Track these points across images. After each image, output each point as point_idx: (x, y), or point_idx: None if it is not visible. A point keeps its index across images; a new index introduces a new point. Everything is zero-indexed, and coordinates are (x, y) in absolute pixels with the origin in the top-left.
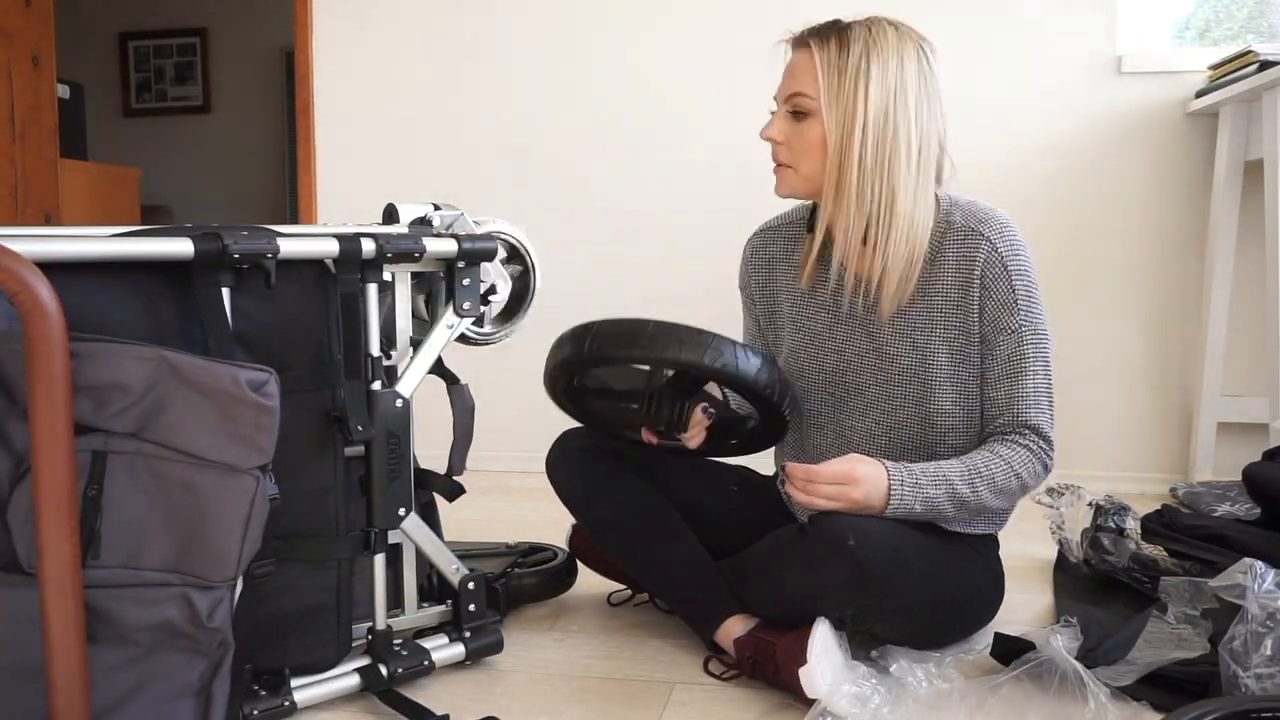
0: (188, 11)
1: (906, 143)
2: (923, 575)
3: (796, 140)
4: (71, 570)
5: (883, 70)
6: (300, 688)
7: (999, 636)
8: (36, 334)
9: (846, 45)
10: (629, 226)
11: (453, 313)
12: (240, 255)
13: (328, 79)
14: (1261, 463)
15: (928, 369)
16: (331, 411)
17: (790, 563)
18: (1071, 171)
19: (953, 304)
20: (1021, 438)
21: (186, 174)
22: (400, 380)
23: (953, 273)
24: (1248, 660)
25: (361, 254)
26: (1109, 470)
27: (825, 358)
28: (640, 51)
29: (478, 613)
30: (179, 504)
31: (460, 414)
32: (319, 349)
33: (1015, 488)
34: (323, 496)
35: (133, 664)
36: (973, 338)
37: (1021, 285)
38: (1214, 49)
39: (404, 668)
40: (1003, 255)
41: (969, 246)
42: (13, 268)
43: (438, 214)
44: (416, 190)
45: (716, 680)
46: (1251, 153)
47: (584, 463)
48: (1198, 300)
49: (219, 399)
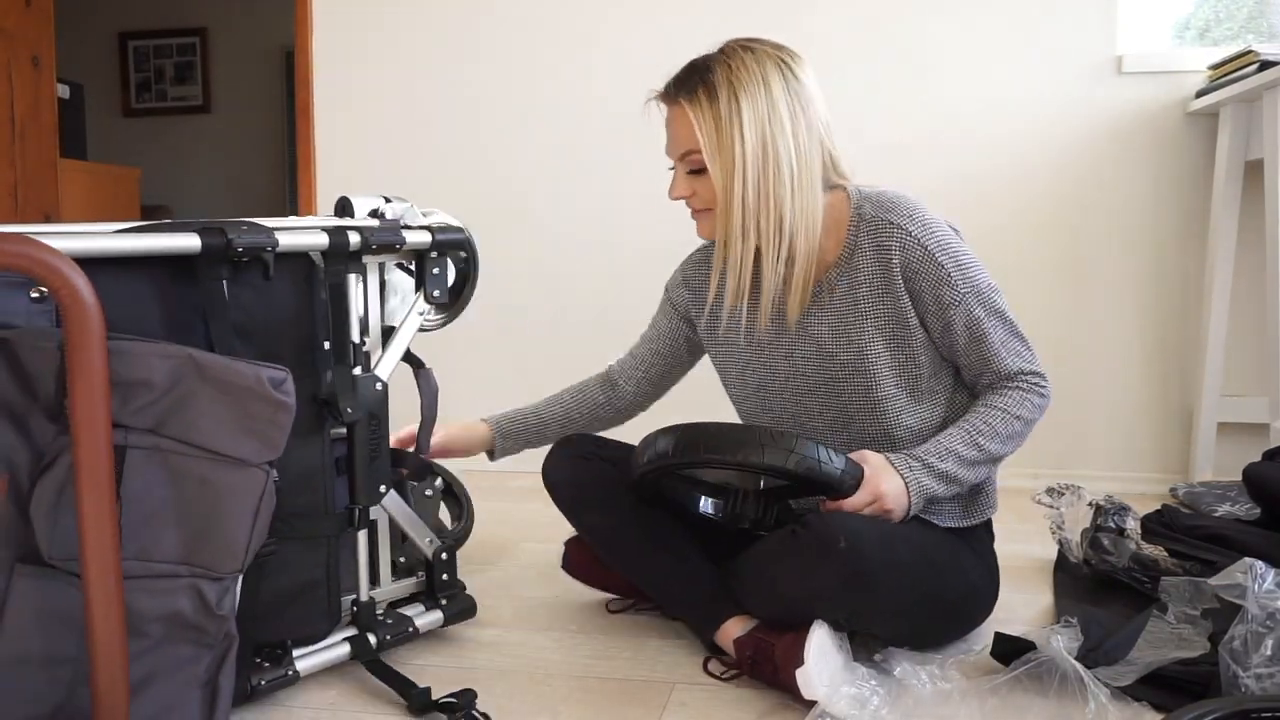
0: (188, 11)
1: (788, 164)
2: (916, 573)
3: (702, 191)
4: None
5: (751, 104)
6: (298, 658)
7: (999, 636)
8: (78, 330)
9: (713, 91)
10: (636, 225)
11: (424, 300)
12: (243, 249)
13: (328, 79)
14: (1261, 463)
15: (864, 359)
16: (320, 396)
17: (784, 566)
18: (1071, 171)
19: (878, 293)
20: (1009, 383)
21: (186, 174)
22: (378, 365)
23: (872, 263)
24: (1248, 660)
25: (349, 246)
26: (1109, 470)
27: (775, 369)
28: (641, 50)
29: (450, 581)
30: (192, 497)
31: (427, 397)
32: (306, 337)
33: (1019, 429)
34: (313, 477)
35: (144, 655)
36: (906, 321)
37: (947, 258)
38: (1214, 49)
39: (390, 635)
40: (918, 238)
41: (882, 235)
42: (55, 264)
43: (389, 206)
44: (417, 190)
45: (716, 680)
46: (1251, 153)
47: (579, 469)
48: (1198, 300)
49: (240, 396)
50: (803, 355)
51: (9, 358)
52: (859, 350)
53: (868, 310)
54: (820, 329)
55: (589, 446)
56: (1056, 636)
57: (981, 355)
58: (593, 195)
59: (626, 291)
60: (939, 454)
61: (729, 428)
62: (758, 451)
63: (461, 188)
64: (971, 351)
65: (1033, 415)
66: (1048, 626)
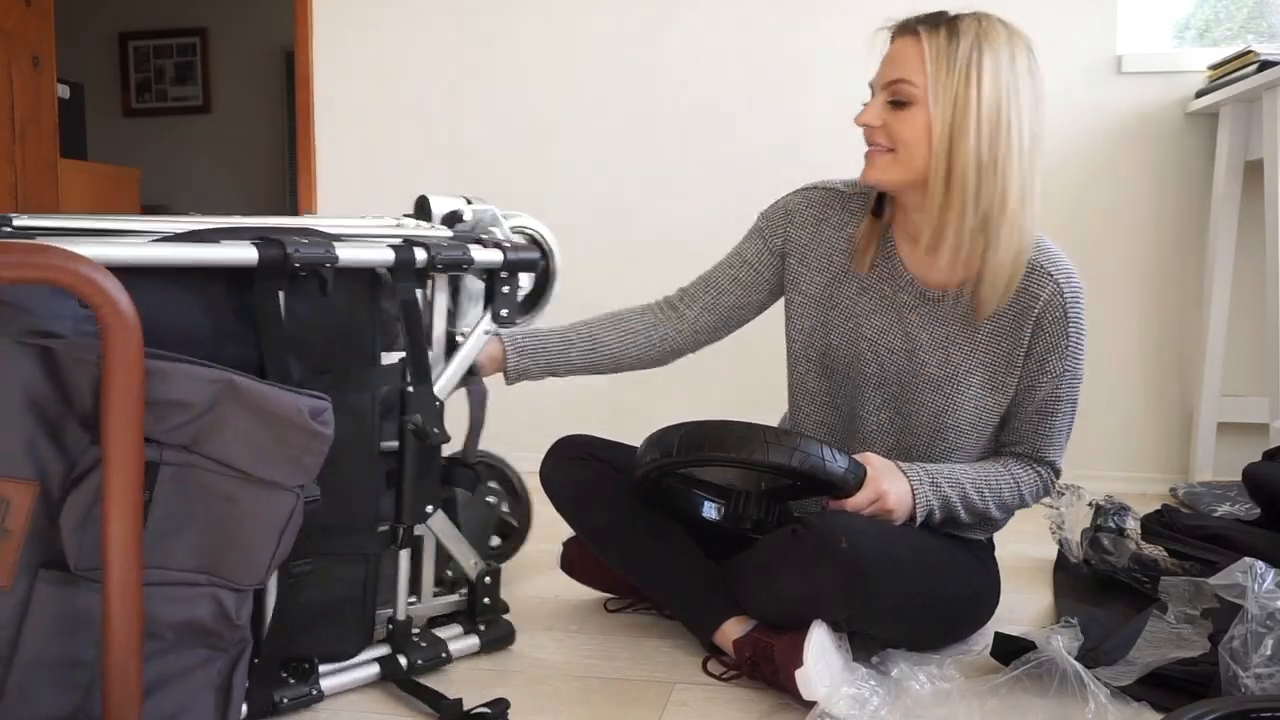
0: (188, 11)
1: (1019, 140)
2: (917, 575)
3: (896, 127)
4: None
5: (995, 64)
6: (325, 675)
7: (999, 636)
8: (117, 349)
9: (956, 35)
10: (632, 224)
11: (490, 319)
12: (301, 264)
13: (328, 79)
14: (1261, 463)
15: (955, 386)
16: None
17: (785, 566)
18: (1071, 171)
19: (1003, 332)
20: (1037, 465)
21: (186, 174)
22: (437, 383)
23: (1015, 300)
24: (1247, 660)
25: (415, 263)
26: (1109, 470)
27: (857, 343)
28: (642, 48)
29: (491, 605)
30: (219, 513)
31: (475, 406)
32: (363, 350)
33: (1015, 505)
34: (357, 493)
35: (159, 658)
36: (1014, 369)
37: (1075, 333)
38: (1214, 49)
39: (422, 659)
40: (1065, 300)
41: (1035, 283)
42: (96, 279)
43: (469, 208)
44: (417, 190)
45: (716, 680)
46: (1251, 153)
47: (577, 469)
48: (1198, 300)
49: (277, 424)
50: (889, 347)
51: (51, 367)
52: (953, 374)
53: (985, 341)
54: (923, 333)
55: (587, 448)
56: (1056, 636)
57: (1036, 429)
58: (594, 195)
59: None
60: (951, 482)
61: (733, 425)
62: (762, 449)
63: (462, 188)
64: (1030, 420)
65: (1029, 501)
66: (1048, 626)
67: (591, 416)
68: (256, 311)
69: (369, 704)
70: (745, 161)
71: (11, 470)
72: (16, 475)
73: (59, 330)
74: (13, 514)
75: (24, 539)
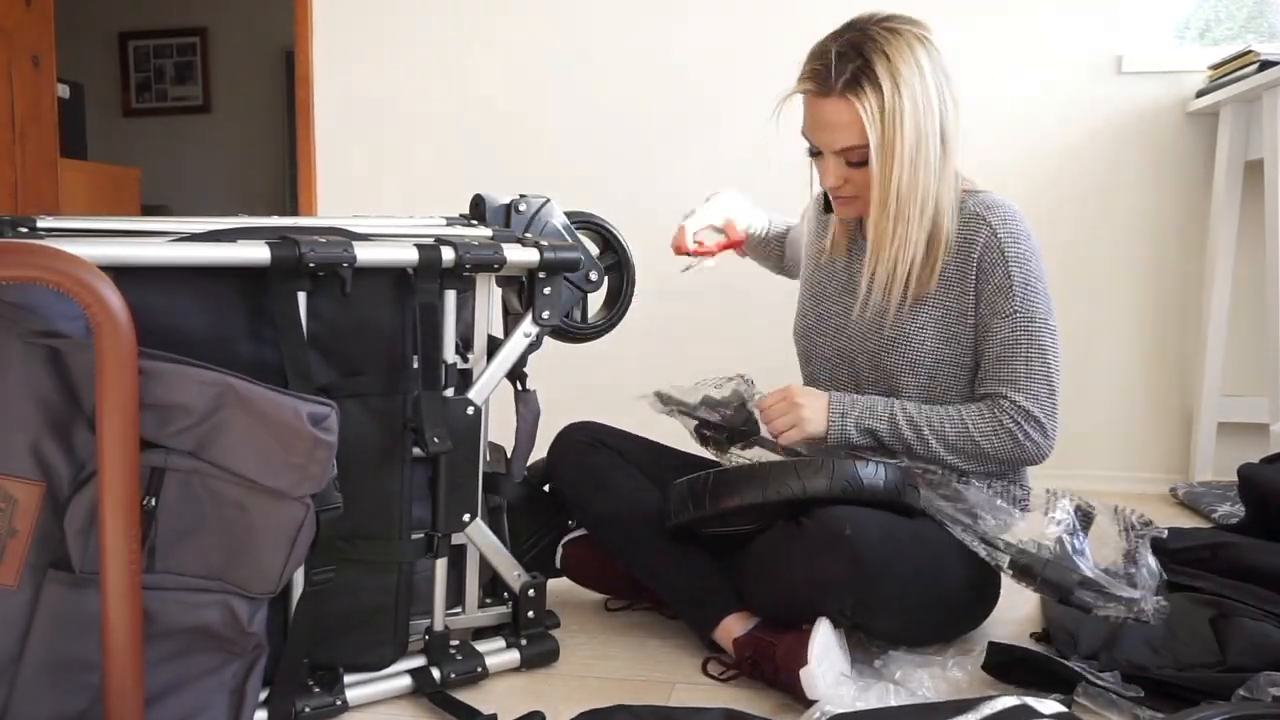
0: (188, 11)
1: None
2: (919, 562)
3: (857, 179)
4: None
5: (910, 95)
6: (352, 685)
7: (993, 646)
8: (108, 349)
9: (877, 84)
10: (632, 224)
11: (531, 321)
12: (316, 264)
13: (328, 79)
14: (1255, 464)
15: (909, 344)
16: (408, 422)
17: (789, 556)
18: (1071, 171)
19: (951, 283)
20: (996, 405)
21: (186, 174)
22: (473, 388)
23: (954, 253)
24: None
25: (441, 263)
26: (1109, 470)
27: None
28: (643, 47)
29: (536, 620)
30: (230, 520)
31: (525, 421)
32: (393, 354)
33: (972, 450)
34: (388, 500)
35: (170, 660)
36: (966, 318)
37: (1019, 272)
38: (1214, 49)
39: (456, 673)
40: (1001, 240)
41: (970, 229)
42: (87, 280)
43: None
44: (416, 190)
45: (716, 680)
46: (1251, 153)
47: (584, 458)
48: (1198, 300)
49: (278, 429)
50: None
51: (59, 367)
52: (904, 331)
53: (936, 296)
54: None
55: (596, 434)
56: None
57: (999, 376)
58: (595, 195)
59: None
60: (878, 408)
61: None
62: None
63: (462, 188)
64: (993, 367)
65: (995, 448)
66: (1042, 630)
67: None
68: (274, 313)
69: (396, 716)
70: (745, 161)
71: (18, 470)
72: (23, 475)
73: (69, 331)
74: (20, 513)
75: (31, 539)
